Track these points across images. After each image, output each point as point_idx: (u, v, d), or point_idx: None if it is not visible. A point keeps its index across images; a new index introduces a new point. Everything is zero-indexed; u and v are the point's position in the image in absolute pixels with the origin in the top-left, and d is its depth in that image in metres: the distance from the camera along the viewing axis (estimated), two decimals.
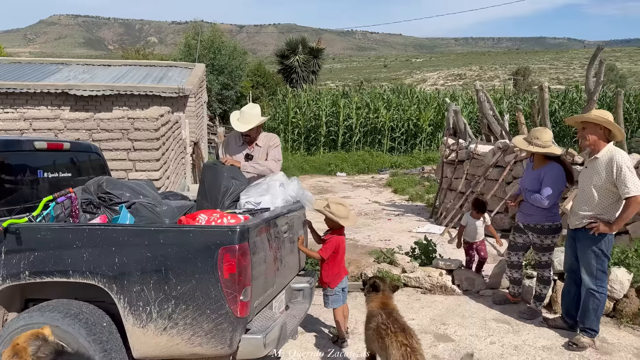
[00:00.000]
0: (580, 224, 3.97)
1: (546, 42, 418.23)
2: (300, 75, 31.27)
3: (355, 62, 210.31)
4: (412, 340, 2.78)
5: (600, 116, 3.86)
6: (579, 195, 4.09)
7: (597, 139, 3.89)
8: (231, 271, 2.86)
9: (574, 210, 4.07)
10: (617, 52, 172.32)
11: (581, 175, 4.13)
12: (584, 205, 3.95)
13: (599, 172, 3.85)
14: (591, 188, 3.89)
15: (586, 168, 4.03)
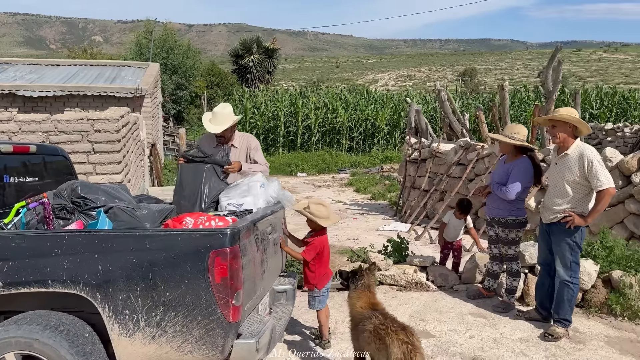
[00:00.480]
0: (555, 218, 4.09)
1: (491, 44, 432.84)
2: (255, 75, 31.04)
3: (307, 62, 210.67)
4: (413, 338, 2.79)
5: (569, 115, 4.00)
6: (550, 191, 4.21)
7: (567, 136, 4.03)
8: (223, 275, 2.78)
9: (547, 205, 4.20)
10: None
11: (551, 171, 4.26)
12: (557, 199, 4.08)
13: (570, 167, 3.98)
14: (564, 183, 4.02)
15: (556, 164, 4.14)
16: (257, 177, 4.17)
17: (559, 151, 4.16)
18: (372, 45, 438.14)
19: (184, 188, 3.89)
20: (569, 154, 4.00)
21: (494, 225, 4.70)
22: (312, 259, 3.80)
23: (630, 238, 5.88)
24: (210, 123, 4.31)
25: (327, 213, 3.82)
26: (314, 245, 3.79)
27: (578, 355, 3.88)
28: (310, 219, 3.77)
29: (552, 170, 4.24)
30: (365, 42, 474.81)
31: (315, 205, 3.80)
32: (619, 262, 4.72)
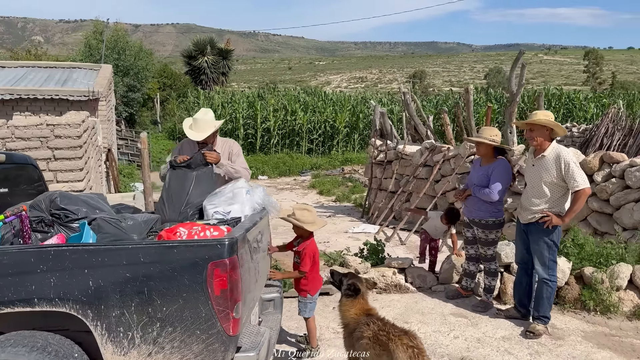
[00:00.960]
0: (533, 218, 4.20)
1: (438, 47, 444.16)
2: (209, 76, 30.56)
3: (259, 63, 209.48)
4: (417, 342, 2.79)
5: (547, 118, 4.13)
6: (528, 192, 4.30)
7: (544, 139, 4.13)
8: (222, 287, 2.70)
9: (525, 206, 4.30)
10: (502, 55, 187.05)
11: (528, 172, 4.35)
12: (535, 200, 4.18)
13: (547, 169, 4.09)
14: (541, 184, 4.12)
15: (533, 166, 4.22)
16: (241, 183, 4.08)
17: (535, 153, 4.24)
18: (324, 47, 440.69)
19: (171, 196, 3.76)
20: (546, 156, 4.10)
21: (472, 227, 4.79)
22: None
23: (593, 234, 6.13)
24: (191, 130, 4.18)
25: (313, 218, 3.78)
26: (307, 253, 3.74)
27: (559, 351, 4.00)
28: (297, 225, 3.71)
29: (529, 172, 4.33)
30: (316, 44, 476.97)
31: (300, 211, 3.75)
32: (590, 258, 4.91)
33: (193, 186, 3.85)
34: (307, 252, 3.74)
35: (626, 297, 4.65)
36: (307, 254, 3.74)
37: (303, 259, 3.73)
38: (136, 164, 17.65)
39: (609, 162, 6.13)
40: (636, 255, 4.90)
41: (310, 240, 3.81)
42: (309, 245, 3.77)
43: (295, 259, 3.82)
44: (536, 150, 4.24)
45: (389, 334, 2.85)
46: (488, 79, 75.46)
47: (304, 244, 3.77)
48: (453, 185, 7.82)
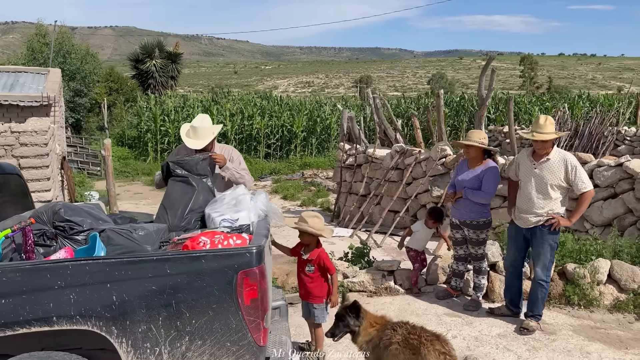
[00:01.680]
0: (539, 221, 4.25)
1: (381, 53, 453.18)
2: (158, 80, 29.73)
3: (203, 67, 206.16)
4: (448, 347, 2.81)
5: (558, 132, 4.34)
6: (531, 195, 4.25)
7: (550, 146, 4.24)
8: (253, 296, 2.63)
9: (526, 210, 4.29)
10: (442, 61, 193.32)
11: (529, 176, 4.28)
12: (540, 203, 4.21)
13: (553, 171, 4.17)
14: (547, 187, 4.18)
15: (535, 169, 4.25)
16: (241, 189, 4.00)
17: (535, 157, 4.27)
18: (269, 52, 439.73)
19: (173, 204, 3.63)
20: (551, 159, 4.18)
21: (461, 228, 4.91)
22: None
23: (563, 232, 6.41)
24: (189, 138, 4.06)
25: (322, 225, 3.75)
26: (326, 257, 3.74)
27: (555, 346, 4.16)
28: (312, 233, 3.66)
29: (529, 175, 4.29)
30: (261, 48, 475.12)
31: (312, 218, 3.70)
32: (570, 255, 5.14)
33: (196, 194, 3.74)
34: (325, 257, 3.73)
35: (606, 291, 4.90)
36: (326, 258, 3.73)
37: (325, 264, 3.71)
38: (87, 172, 16.94)
39: None
40: (612, 251, 5.17)
41: (320, 246, 3.78)
42: (322, 251, 3.75)
43: (309, 267, 3.74)
44: (535, 154, 4.28)
45: (420, 338, 2.86)
46: (432, 84, 77.79)
47: (317, 252, 3.73)
48: (425, 187, 7.99)
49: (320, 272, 3.75)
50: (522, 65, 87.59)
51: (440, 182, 7.82)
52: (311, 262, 3.72)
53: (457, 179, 4.92)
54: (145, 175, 17.29)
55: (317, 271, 3.74)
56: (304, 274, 3.78)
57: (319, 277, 3.75)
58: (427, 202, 7.99)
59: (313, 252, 3.73)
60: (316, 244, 3.78)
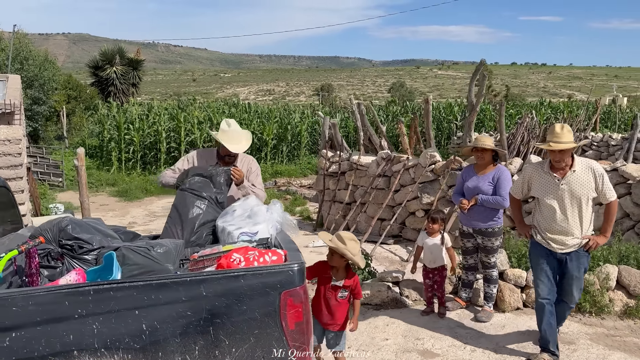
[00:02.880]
0: (579, 244, 3.79)
1: (340, 61, 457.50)
2: (118, 88, 28.82)
3: (160, 75, 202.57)
4: None
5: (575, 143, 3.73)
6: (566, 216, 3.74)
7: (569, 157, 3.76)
8: (298, 319, 2.37)
9: (562, 231, 3.76)
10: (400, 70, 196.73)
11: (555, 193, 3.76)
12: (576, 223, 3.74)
13: (583, 183, 3.69)
14: (582, 203, 3.70)
15: (562, 185, 3.71)
16: (252, 200, 3.75)
17: (556, 171, 3.77)
18: (228, 59, 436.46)
19: (182, 216, 3.34)
20: (576, 170, 3.70)
21: (473, 236, 4.77)
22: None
23: None
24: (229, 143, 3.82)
25: (358, 250, 3.48)
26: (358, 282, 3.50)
27: (576, 356, 4.04)
28: (349, 258, 3.34)
29: (556, 193, 3.74)
30: (220, 56, 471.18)
31: (351, 241, 3.36)
32: None
33: (206, 207, 3.47)
34: (357, 282, 3.50)
35: (616, 297, 4.86)
36: (358, 283, 3.50)
37: (357, 289, 3.48)
38: (48, 183, 16.11)
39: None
40: (618, 256, 5.15)
41: (351, 270, 3.53)
42: (355, 277, 3.50)
43: (342, 293, 3.44)
44: (553, 168, 3.78)
45: None
46: (392, 93, 78.82)
47: (355, 278, 3.48)
48: (415, 194, 7.87)
49: (348, 298, 3.50)
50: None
51: (430, 189, 7.72)
52: (346, 288, 3.45)
53: (467, 186, 4.77)
54: (109, 186, 16.57)
55: (347, 297, 3.48)
56: (333, 299, 3.44)
57: (347, 303, 3.49)
58: (417, 209, 7.87)
59: (350, 278, 3.45)
60: (346, 268, 3.50)
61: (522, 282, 5.03)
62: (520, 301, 4.99)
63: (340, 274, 3.51)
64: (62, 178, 16.37)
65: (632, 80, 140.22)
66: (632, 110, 28.29)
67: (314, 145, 21.78)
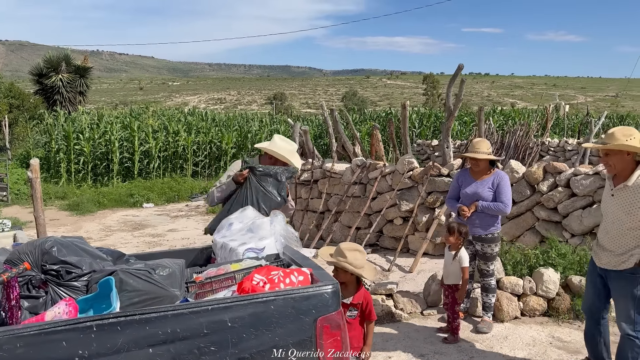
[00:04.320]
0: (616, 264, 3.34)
1: (291, 70, 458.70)
2: (65, 96, 27.44)
3: (105, 83, 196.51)
4: None
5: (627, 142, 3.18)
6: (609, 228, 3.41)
7: (624, 165, 3.26)
8: (337, 348, 2.07)
9: (603, 246, 3.44)
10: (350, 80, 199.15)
11: (607, 204, 3.44)
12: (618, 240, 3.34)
13: (632, 201, 3.23)
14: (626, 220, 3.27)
15: (612, 196, 3.35)
16: (250, 211, 3.42)
17: (614, 180, 3.39)
18: (176, 68, 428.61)
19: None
20: (629, 186, 3.23)
21: (471, 243, 4.59)
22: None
23: (541, 242, 6.36)
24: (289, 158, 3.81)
25: (364, 261, 3.18)
26: (370, 301, 3.18)
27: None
28: (350, 271, 3.05)
29: (608, 203, 3.44)
30: (168, 64, 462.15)
31: (352, 252, 3.09)
32: (572, 267, 5.00)
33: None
34: (370, 300, 3.17)
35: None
36: (370, 301, 3.18)
37: (367, 309, 3.15)
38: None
39: (552, 172, 6.44)
40: None
41: (362, 286, 3.23)
42: (366, 293, 3.20)
43: (350, 312, 3.12)
44: (615, 177, 3.39)
45: None
46: (345, 101, 79.50)
47: (363, 294, 3.16)
48: (393, 202, 7.68)
49: (360, 318, 3.17)
50: (424, 83, 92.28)
51: (409, 196, 7.55)
52: (355, 306, 3.14)
53: (465, 192, 4.58)
54: (59, 200, 15.61)
55: (358, 317, 3.15)
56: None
57: (359, 324, 3.16)
58: (395, 217, 7.68)
59: (358, 295, 3.15)
60: (356, 284, 3.20)
61: (519, 290, 4.89)
62: (518, 310, 4.84)
63: (350, 290, 3.22)
64: (7, 192, 15.29)
65: (569, 89, 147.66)
66: (577, 116, 29.51)
67: None
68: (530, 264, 5.07)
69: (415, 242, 7.47)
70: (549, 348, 4.23)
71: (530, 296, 4.87)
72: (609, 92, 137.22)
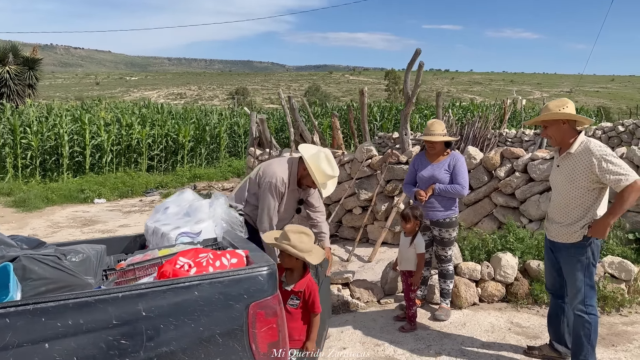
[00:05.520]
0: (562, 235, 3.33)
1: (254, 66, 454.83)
2: (13, 89, 26.14)
3: (60, 78, 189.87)
4: None
5: (559, 110, 3.25)
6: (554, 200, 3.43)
7: (563, 135, 3.28)
8: (272, 339, 1.83)
9: (551, 218, 3.45)
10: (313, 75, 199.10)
11: (553, 176, 3.45)
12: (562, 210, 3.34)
13: (574, 168, 3.23)
14: (570, 189, 3.26)
15: (558, 167, 3.36)
16: (188, 194, 3.15)
17: (560, 152, 3.39)
18: (134, 62, 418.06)
19: None
20: (572, 153, 3.25)
21: (428, 229, 4.43)
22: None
23: (499, 228, 6.29)
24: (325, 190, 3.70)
25: (311, 245, 2.91)
26: (314, 290, 2.90)
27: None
28: (293, 254, 2.81)
29: (554, 175, 3.45)
30: (125, 59, 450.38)
31: (297, 234, 2.83)
32: (530, 251, 4.91)
33: None
34: (313, 290, 2.91)
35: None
36: (314, 290, 2.91)
37: (314, 299, 2.89)
38: None
39: (509, 157, 6.38)
40: None
41: (308, 273, 2.97)
42: (310, 281, 2.94)
43: (292, 301, 2.87)
44: (560, 150, 3.39)
45: None
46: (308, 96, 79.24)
47: (305, 282, 2.89)
48: (352, 191, 7.49)
49: (303, 309, 2.91)
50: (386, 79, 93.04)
51: (368, 185, 7.37)
52: (297, 295, 2.88)
53: (421, 176, 4.41)
54: (4, 196, 14.77)
55: (300, 307, 2.89)
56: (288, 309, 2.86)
57: (301, 316, 2.90)
58: (354, 206, 7.50)
59: (302, 282, 2.89)
60: (303, 270, 2.95)
61: (477, 275, 4.77)
62: (477, 296, 4.73)
63: (295, 277, 2.96)
64: None
65: (525, 85, 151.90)
66: (533, 109, 30.20)
67: (234, 147, 20.95)
68: (488, 249, 4.96)
69: (374, 232, 7.31)
70: (508, 334, 4.12)
71: (489, 282, 4.76)
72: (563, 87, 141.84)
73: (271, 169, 3.64)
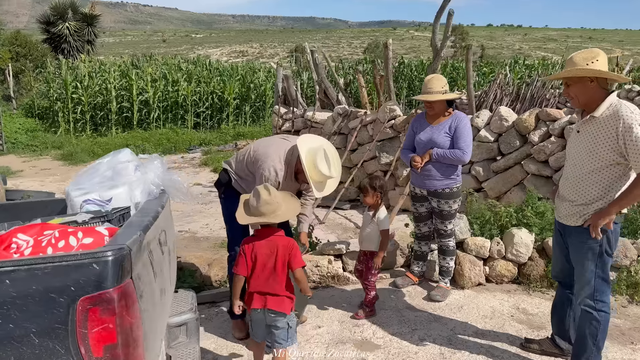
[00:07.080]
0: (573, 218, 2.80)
1: (316, 22, 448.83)
2: (72, 45, 26.98)
3: (129, 36, 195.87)
4: None
5: (587, 66, 2.60)
6: (567, 174, 2.86)
7: (589, 94, 2.66)
8: (109, 341, 1.47)
9: (562, 196, 2.88)
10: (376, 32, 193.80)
11: (570, 144, 2.86)
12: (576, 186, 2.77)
13: (596, 136, 2.64)
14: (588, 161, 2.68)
15: (578, 132, 2.77)
16: (125, 154, 2.81)
17: (582, 115, 2.79)
18: (200, 20, 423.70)
19: None
20: (596, 117, 2.64)
21: (426, 199, 3.92)
22: None
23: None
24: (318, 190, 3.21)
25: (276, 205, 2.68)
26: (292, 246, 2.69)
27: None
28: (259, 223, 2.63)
29: (571, 143, 2.86)
30: (192, 16, 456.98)
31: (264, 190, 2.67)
32: (550, 228, 4.29)
33: None
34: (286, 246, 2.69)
35: None
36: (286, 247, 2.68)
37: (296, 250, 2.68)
38: None
39: (546, 120, 5.63)
40: None
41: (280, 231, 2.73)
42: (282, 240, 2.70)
43: None
44: (584, 112, 2.77)
45: None
46: (367, 54, 77.13)
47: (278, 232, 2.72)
48: (372, 154, 6.98)
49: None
50: (453, 35, 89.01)
51: (390, 147, 6.83)
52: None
53: (419, 139, 3.87)
54: (55, 149, 15.34)
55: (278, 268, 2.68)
56: None
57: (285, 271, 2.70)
58: (375, 170, 7.01)
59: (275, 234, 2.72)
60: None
61: (485, 252, 4.23)
62: (483, 275, 4.20)
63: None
64: (2, 141, 15.10)
65: (605, 42, 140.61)
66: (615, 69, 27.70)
67: None
68: (502, 223, 4.37)
69: (395, 198, 6.81)
70: (508, 322, 3.62)
71: (498, 260, 4.21)
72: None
73: (267, 162, 3.13)
